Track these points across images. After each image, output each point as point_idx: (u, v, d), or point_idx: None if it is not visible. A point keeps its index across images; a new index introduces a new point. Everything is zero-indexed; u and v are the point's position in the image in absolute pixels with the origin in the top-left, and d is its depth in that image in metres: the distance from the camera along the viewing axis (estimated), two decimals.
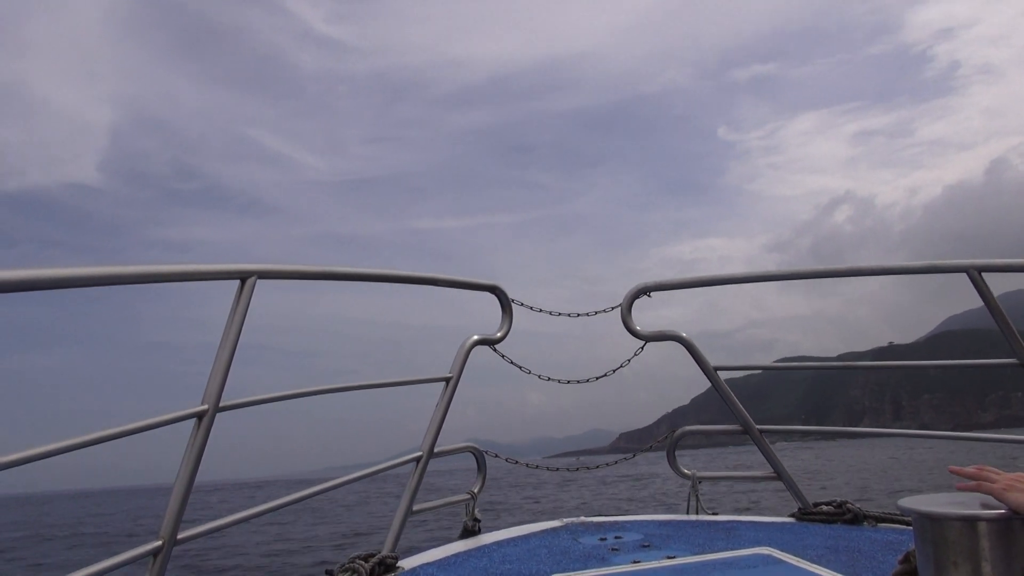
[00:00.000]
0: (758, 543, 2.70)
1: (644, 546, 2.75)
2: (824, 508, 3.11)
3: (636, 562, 2.50)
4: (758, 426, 3.25)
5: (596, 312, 3.31)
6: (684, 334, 3.22)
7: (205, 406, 1.91)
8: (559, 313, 3.43)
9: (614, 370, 3.37)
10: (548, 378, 3.38)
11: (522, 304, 3.27)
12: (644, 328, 3.23)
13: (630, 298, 3.22)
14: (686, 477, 3.44)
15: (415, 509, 2.85)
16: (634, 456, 3.81)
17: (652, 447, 3.70)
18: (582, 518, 3.28)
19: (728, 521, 3.14)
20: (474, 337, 3.10)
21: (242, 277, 2.03)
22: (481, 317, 3.25)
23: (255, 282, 2.05)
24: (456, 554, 2.75)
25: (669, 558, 2.53)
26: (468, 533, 3.14)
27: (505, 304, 3.23)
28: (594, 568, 2.47)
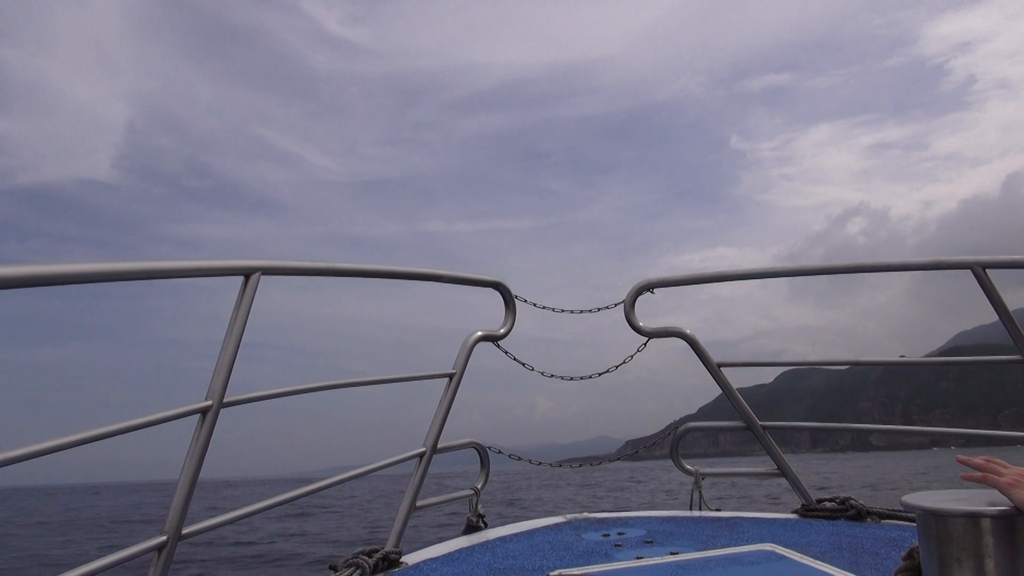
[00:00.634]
0: (761, 539, 2.70)
1: (647, 542, 2.76)
2: (827, 504, 3.11)
3: (639, 558, 2.50)
4: (761, 423, 3.25)
5: (599, 309, 3.31)
6: (688, 330, 3.22)
7: (209, 402, 1.91)
8: (562, 310, 3.43)
9: (617, 366, 3.36)
10: (551, 375, 3.38)
11: (525, 300, 3.27)
12: (647, 326, 3.23)
13: (633, 294, 3.22)
14: (689, 473, 3.45)
15: (419, 505, 2.85)
16: (636, 453, 3.81)
17: (656, 443, 3.70)
18: (585, 514, 3.29)
19: (731, 517, 3.13)
20: (477, 333, 3.10)
21: (246, 273, 2.03)
22: (489, 320, 3.23)
23: (259, 278, 2.05)
24: (459, 549, 2.75)
25: (672, 554, 2.53)
26: (472, 529, 3.15)
27: (508, 300, 3.23)
28: (597, 564, 2.46)
